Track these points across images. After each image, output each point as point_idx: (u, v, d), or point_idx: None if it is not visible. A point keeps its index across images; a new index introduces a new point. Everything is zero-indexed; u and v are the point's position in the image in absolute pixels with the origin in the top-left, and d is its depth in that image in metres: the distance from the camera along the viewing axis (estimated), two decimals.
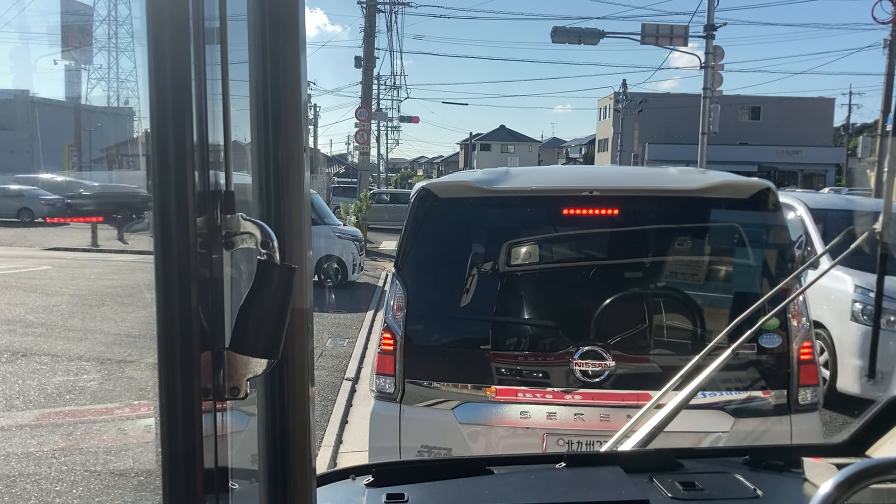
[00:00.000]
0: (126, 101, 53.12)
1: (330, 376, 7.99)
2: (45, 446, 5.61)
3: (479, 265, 3.64)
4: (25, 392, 6.92)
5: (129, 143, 40.46)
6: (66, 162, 37.13)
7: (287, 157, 0.84)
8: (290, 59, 0.83)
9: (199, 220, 0.75)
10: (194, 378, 0.75)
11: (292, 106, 0.84)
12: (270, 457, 0.88)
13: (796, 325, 3.36)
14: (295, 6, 0.83)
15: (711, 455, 2.06)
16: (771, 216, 3.54)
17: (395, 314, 3.53)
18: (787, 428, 3.30)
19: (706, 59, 22.41)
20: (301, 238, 0.86)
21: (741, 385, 3.35)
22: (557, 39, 22.52)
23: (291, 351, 0.84)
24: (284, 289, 0.79)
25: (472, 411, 3.41)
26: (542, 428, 3.33)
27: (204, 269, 0.77)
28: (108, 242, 21.06)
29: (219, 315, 0.82)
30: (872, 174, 25.08)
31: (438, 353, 3.60)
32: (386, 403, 3.53)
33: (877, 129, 25.85)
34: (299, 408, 0.87)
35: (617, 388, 3.33)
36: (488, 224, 3.80)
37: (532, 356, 3.48)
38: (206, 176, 0.79)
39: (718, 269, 3.70)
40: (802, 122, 54.04)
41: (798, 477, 1.75)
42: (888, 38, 23.11)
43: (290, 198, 0.85)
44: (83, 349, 8.65)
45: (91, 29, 43.69)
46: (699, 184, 3.52)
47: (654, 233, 3.70)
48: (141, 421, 6.26)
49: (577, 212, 3.54)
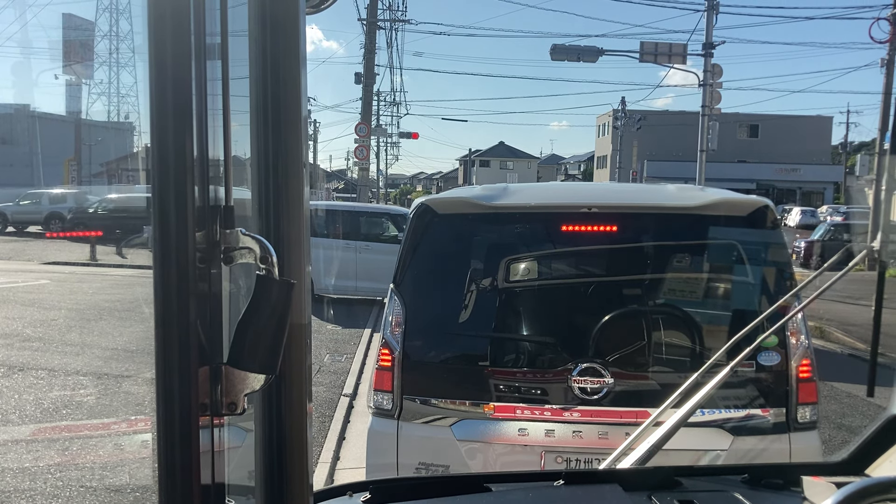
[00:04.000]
0: (126, 115, 53.38)
1: (328, 392, 7.96)
2: (40, 461, 5.57)
3: (477, 281, 3.64)
4: (22, 406, 6.89)
5: (130, 157, 40.55)
6: (65, 176, 37.16)
7: (287, 172, 0.84)
8: (290, 75, 0.84)
9: (198, 234, 0.76)
10: (192, 393, 0.75)
11: (292, 121, 0.84)
12: (267, 473, 0.88)
13: (795, 342, 3.36)
14: (295, 21, 0.83)
15: (710, 473, 2.05)
16: (769, 234, 3.54)
17: (393, 330, 3.53)
18: (787, 446, 3.29)
19: (705, 77, 22.52)
20: (300, 253, 0.86)
21: (740, 403, 3.34)
22: (557, 57, 22.64)
23: (289, 366, 0.84)
24: (283, 304, 0.79)
25: (470, 428, 3.40)
26: (541, 445, 3.32)
27: (202, 283, 0.77)
28: (107, 257, 21.04)
29: (217, 330, 0.82)
30: (870, 192, 25.15)
31: (436, 370, 3.59)
32: (383, 420, 3.51)
33: (875, 148, 25.93)
34: (297, 424, 0.87)
35: (615, 405, 3.32)
36: (487, 240, 3.80)
37: (530, 373, 3.47)
38: (206, 191, 0.79)
39: (717, 286, 3.70)
40: (801, 140, 54.26)
41: (797, 496, 1.74)
42: (885, 57, 23.24)
43: (290, 213, 0.85)
44: (80, 364, 8.62)
45: (92, 44, 43.88)
46: (697, 201, 3.53)
47: (652, 250, 3.71)
48: (138, 436, 6.23)
49: (575, 228, 3.54)
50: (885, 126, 23.38)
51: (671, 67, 22.99)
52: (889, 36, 22.53)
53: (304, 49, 0.84)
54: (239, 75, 0.84)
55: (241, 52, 0.85)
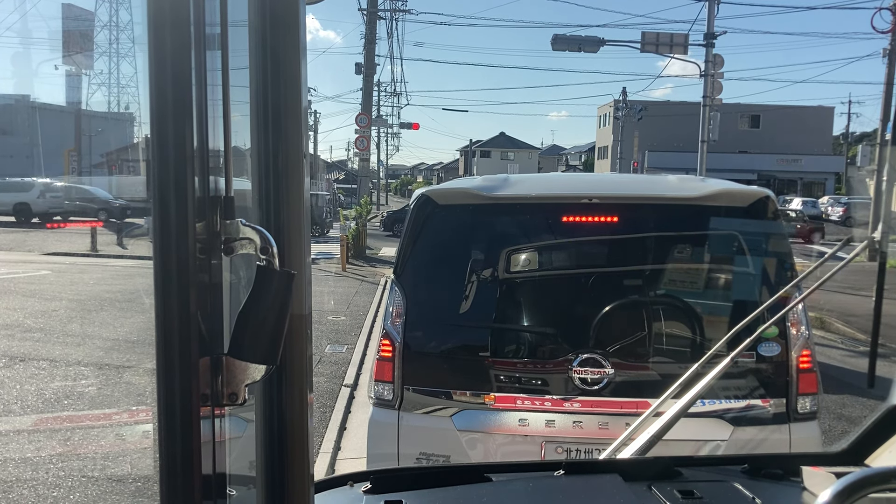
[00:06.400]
0: (126, 106, 53.29)
1: (328, 382, 7.97)
2: (42, 451, 5.59)
3: (478, 272, 3.63)
4: (23, 397, 6.91)
5: (130, 148, 40.51)
6: (66, 167, 37.14)
7: (287, 162, 0.84)
8: (290, 65, 0.83)
9: (198, 225, 0.75)
10: (193, 384, 0.75)
11: (292, 111, 0.84)
12: (268, 463, 0.88)
13: (795, 333, 3.36)
14: (296, 12, 0.83)
15: (710, 463, 2.05)
16: (770, 224, 3.54)
17: (393, 321, 3.53)
18: (786, 436, 3.29)
19: (706, 68, 22.45)
20: (300, 244, 0.86)
21: (740, 393, 3.35)
22: (557, 47, 22.56)
23: (290, 357, 0.84)
24: (283, 294, 0.79)
25: (471, 418, 3.41)
26: (541, 435, 3.33)
27: (203, 274, 0.77)
28: (108, 247, 21.06)
29: (218, 320, 0.82)
30: (871, 183, 25.12)
31: (437, 360, 3.59)
32: (384, 410, 3.52)
33: (876, 138, 25.89)
34: (297, 414, 0.87)
35: (616, 395, 3.33)
36: (488, 231, 3.79)
37: (531, 363, 3.47)
38: (206, 181, 0.79)
39: (717, 277, 3.70)
40: (802, 131, 54.16)
41: (797, 486, 1.74)
42: (887, 48, 23.17)
43: (290, 204, 0.85)
44: (81, 354, 8.64)
45: (92, 34, 43.80)
46: (698, 192, 3.52)
47: (653, 241, 3.70)
48: (139, 426, 6.25)
49: (576, 219, 3.54)
50: (887, 116, 23.33)
51: (672, 58, 22.90)
52: (891, 26, 22.46)
53: (304, 39, 0.84)
54: (239, 66, 0.84)
55: (241, 43, 0.85)
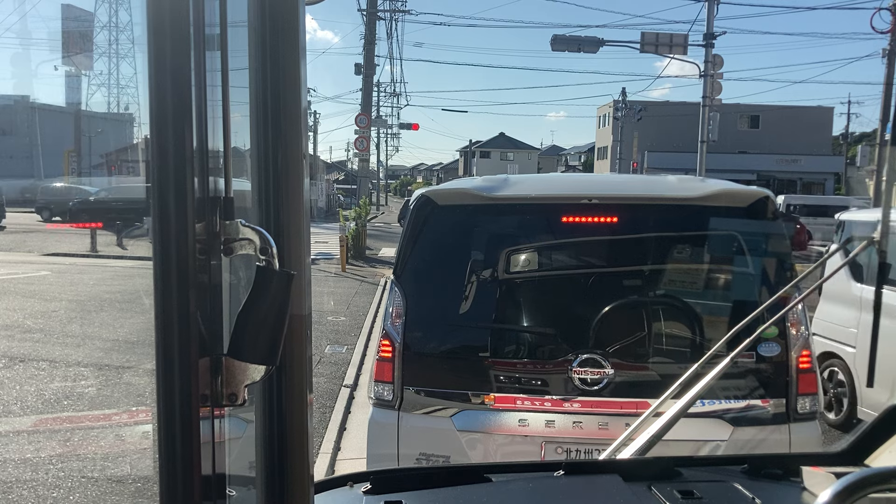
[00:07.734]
0: (126, 106, 53.26)
1: (328, 383, 7.97)
2: (42, 452, 5.59)
3: (478, 272, 3.63)
4: (23, 398, 6.91)
5: (129, 148, 40.49)
6: (65, 167, 37.14)
7: (286, 163, 0.84)
8: (290, 66, 0.83)
9: (198, 226, 0.75)
10: (192, 384, 0.75)
11: (292, 112, 0.84)
12: (268, 463, 0.88)
13: (795, 333, 3.36)
14: (295, 13, 0.83)
15: (710, 463, 2.05)
16: (770, 225, 3.54)
17: (393, 321, 3.53)
18: (786, 437, 3.29)
19: (705, 68, 22.47)
20: (300, 244, 0.86)
21: (740, 393, 3.35)
22: (557, 47, 22.59)
23: (290, 357, 0.84)
24: (283, 295, 0.79)
25: (471, 419, 3.41)
26: (541, 436, 3.33)
27: (202, 275, 0.77)
28: (107, 248, 21.05)
29: (217, 321, 0.82)
30: (871, 183, 25.12)
31: (437, 361, 3.59)
32: (384, 411, 3.52)
33: (876, 138, 25.90)
34: (297, 414, 0.87)
35: (616, 396, 3.33)
36: (487, 231, 3.79)
37: (531, 364, 3.47)
38: (206, 182, 0.79)
39: (717, 277, 3.70)
40: (801, 131, 54.12)
41: (797, 486, 1.74)
42: (887, 48, 23.18)
43: (290, 204, 0.85)
44: (81, 355, 8.63)
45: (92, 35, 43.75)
46: (698, 192, 3.52)
47: (652, 241, 3.70)
48: (138, 427, 6.25)
49: (576, 220, 3.54)
50: (886, 116, 23.36)
51: (672, 58, 22.91)
52: (891, 26, 22.48)
53: (304, 40, 0.84)
54: (238, 66, 0.84)
55: (241, 44, 0.85)
